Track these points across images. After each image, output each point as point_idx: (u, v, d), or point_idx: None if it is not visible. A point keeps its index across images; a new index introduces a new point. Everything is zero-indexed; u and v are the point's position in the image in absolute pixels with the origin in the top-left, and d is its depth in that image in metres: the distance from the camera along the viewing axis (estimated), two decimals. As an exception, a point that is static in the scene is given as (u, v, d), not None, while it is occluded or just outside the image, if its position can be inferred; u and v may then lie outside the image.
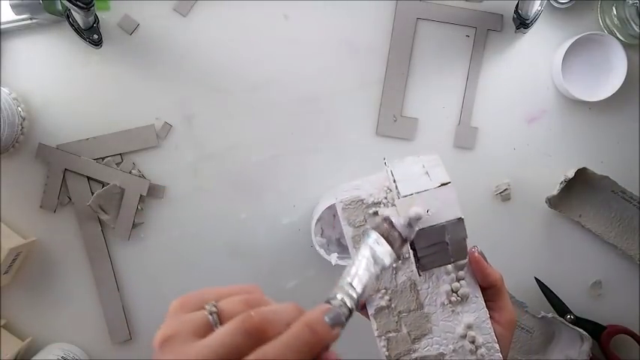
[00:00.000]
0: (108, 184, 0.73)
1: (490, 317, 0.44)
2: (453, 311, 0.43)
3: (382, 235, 0.36)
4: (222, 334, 0.28)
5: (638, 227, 0.75)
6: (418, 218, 0.38)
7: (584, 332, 0.72)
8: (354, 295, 0.32)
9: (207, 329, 0.29)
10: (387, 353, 0.44)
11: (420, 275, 0.43)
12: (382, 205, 0.46)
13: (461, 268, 0.44)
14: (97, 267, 0.74)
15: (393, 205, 0.44)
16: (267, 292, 0.81)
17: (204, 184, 0.74)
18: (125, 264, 0.75)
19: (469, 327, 0.43)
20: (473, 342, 0.42)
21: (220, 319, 0.30)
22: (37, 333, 0.74)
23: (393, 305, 0.44)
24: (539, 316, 0.73)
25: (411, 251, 0.42)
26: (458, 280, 0.44)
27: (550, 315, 0.73)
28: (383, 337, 0.44)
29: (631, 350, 0.77)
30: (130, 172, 0.73)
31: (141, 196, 0.73)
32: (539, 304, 0.75)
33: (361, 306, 0.45)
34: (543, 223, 0.76)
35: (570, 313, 0.75)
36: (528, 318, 0.74)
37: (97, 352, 0.75)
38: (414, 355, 0.41)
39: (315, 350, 0.29)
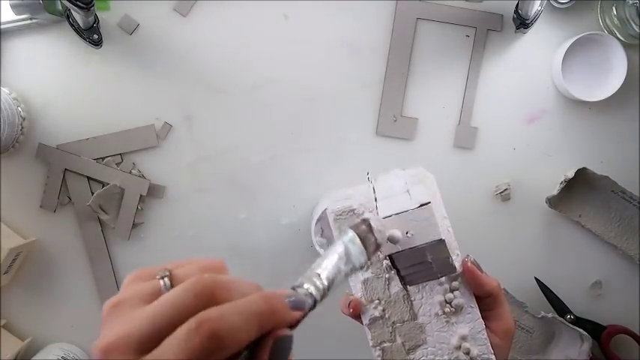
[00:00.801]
0: (108, 184, 0.73)
1: (486, 327, 0.43)
2: (447, 322, 0.43)
3: (359, 236, 0.35)
4: (169, 294, 0.26)
5: (638, 227, 0.75)
6: (396, 241, 0.39)
7: (584, 332, 0.72)
8: (320, 287, 0.31)
9: (157, 295, 0.27)
10: None
11: (406, 290, 0.43)
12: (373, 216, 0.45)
13: (454, 278, 0.43)
14: (97, 267, 0.74)
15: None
16: (267, 292, 0.79)
17: (204, 184, 0.74)
18: (125, 264, 0.75)
19: (463, 338, 0.42)
20: (467, 353, 0.42)
21: (173, 284, 0.28)
22: (37, 333, 0.74)
23: (387, 315, 0.44)
24: (539, 316, 0.73)
25: (393, 269, 0.42)
26: (452, 290, 0.43)
27: (550, 315, 0.73)
28: (378, 347, 0.44)
29: (631, 350, 0.77)
30: (130, 172, 0.73)
31: (141, 196, 0.73)
32: (539, 304, 0.75)
33: (356, 315, 0.44)
34: (543, 223, 0.76)
35: (570, 313, 0.75)
36: (528, 318, 0.74)
37: (97, 352, 0.75)
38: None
39: (266, 324, 0.27)
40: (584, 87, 0.72)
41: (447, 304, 0.43)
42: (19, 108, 0.70)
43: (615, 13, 0.72)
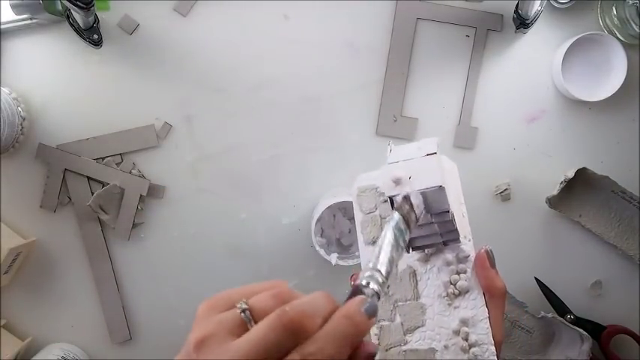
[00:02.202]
0: (108, 184, 0.73)
1: None
2: (449, 305, 0.42)
3: (403, 218, 0.36)
4: (259, 330, 0.28)
5: (638, 227, 0.75)
6: (398, 181, 0.38)
7: (584, 332, 0.72)
8: (381, 282, 0.32)
9: (242, 328, 0.29)
10: (377, 342, 0.43)
11: (408, 252, 0.42)
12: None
13: (463, 261, 0.42)
14: (97, 267, 0.74)
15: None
16: (267, 292, 0.79)
17: (204, 184, 0.74)
18: (125, 264, 0.75)
19: (464, 322, 0.41)
20: (466, 339, 0.41)
21: (253, 316, 0.29)
22: (37, 333, 0.74)
23: (390, 293, 0.43)
24: (539, 316, 0.73)
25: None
26: (458, 273, 0.42)
27: (550, 315, 0.73)
28: (376, 325, 0.43)
29: (631, 350, 0.77)
30: (130, 172, 0.73)
31: (141, 196, 0.73)
32: (539, 304, 0.75)
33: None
34: (543, 223, 0.76)
35: (570, 313, 0.75)
36: (528, 318, 0.74)
37: (97, 352, 0.75)
38: (404, 347, 0.40)
39: (355, 342, 0.29)
40: (584, 87, 0.72)
41: (452, 285, 0.42)
42: (19, 108, 0.70)
43: (615, 13, 0.72)
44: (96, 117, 0.73)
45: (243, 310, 0.29)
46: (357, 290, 0.31)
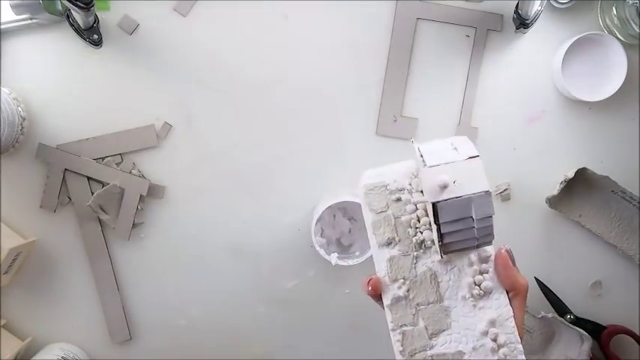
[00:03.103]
0: (108, 184, 0.73)
1: None
2: (474, 306, 0.41)
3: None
4: None
5: (638, 227, 0.75)
6: (445, 186, 0.37)
7: (584, 332, 0.72)
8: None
9: None
10: (401, 348, 0.41)
11: (442, 257, 0.41)
12: (406, 192, 0.44)
13: (485, 260, 0.42)
14: (97, 267, 0.74)
15: (418, 191, 0.42)
16: (267, 292, 0.81)
17: (204, 184, 0.74)
18: (125, 264, 0.75)
19: (491, 323, 0.40)
20: (495, 340, 0.40)
21: None
22: (37, 333, 0.74)
23: (411, 296, 0.42)
24: (539, 316, 0.73)
25: (434, 227, 0.40)
26: (481, 273, 0.41)
27: (550, 315, 0.73)
28: (397, 331, 0.41)
29: (631, 350, 0.77)
30: (130, 172, 0.73)
31: (141, 196, 0.73)
32: (539, 304, 0.75)
33: (376, 295, 0.42)
34: (543, 223, 0.76)
35: (570, 313, 0.75)
36: (528, 318, 0.74)
37: (97, 352, 0.75)
38: (430, 352, 0.39)
39: None
40: (584, 87, 0.72)
41: (476, 286, 0.41)
42: (19, 108, 0.70)
43: (615, 13, 0.72)
44: (96, 117, 0.73)
45: None
46: None
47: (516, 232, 0.76)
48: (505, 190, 0.75)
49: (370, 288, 0.42)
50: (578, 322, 0.75)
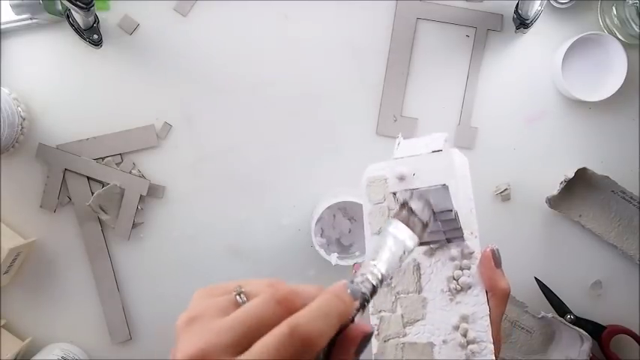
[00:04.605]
0: (108, 184, 0.73)
1: None
2: (451, 300, 0.41)
3: (402, 222, 0.36)
4: (250, 305, 0.28)
5: (638, 227, 0.75)
6: (402, 178, 0.39)
7: (584, 332, 0.72)
8: (378, 274, 0.33)
9: (235, 308, 0.29)
10: (376, 332, 0.42)
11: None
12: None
13: (467, 257, 0.42)
14: (97, 267, 0.74)
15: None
16: (267, 292, 0.79)
17: (204, 184, 0.74)
18: (125, 264, 0.75)
19: (464, 318, 0.41)
20: (465, 335, 0.40)
21: (248, 298, 0.30)
22: (37, 333, 0.74)
23: (393, 284, 0.43)
24: (539, 316, 0.73)
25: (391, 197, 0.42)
26: (462, 268, 0.42)
27: (550, 315, 0.73)
28: (376, 316, 0.43)
29: (631, 350, 0.77)
30: (130, 172, 0.73)
31: (141, 196, 0.73)
32: (539, 304, 0.75)
33: None
34: (543, 223, 0.76)
35: (570, 313, 0.75)
36: (528, 318, 0.74)
37: (97, 352, 0.75)
38: (402, 340, 0.40)
39: (343, 318, 0.29)
40: (584, 87, 0.72)
41: (454, 281, 0.41)
42: (19, 108, 0.70)
43: (615, 13, 0.72)
44: (96, 117, 0.73)
45: (239, 293, 0.30)
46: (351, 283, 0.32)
47: (516, 232, 0.76)
48: (505, 190, 0.75)
49: (355, 271, 0.44)
50: (578, 322, 0.75)
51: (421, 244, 0.42)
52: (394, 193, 0.40)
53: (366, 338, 0.30)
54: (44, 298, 0.74)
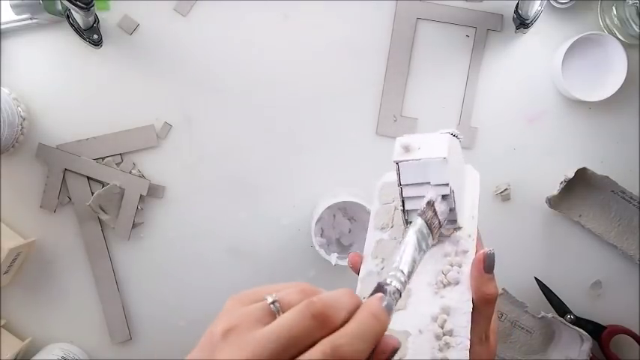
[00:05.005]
0: (108, 184, 0.73)
1: None
2: (435, 293, 0.41)
3: (426, 222, 0.37)
4: (287, 318, 0.29)
5: (638, 227, 0.75)
6: (407, 147, 0.40)
7: (584, 332, 0.72)
8: (403, 280, 0.33)
9: (270, 318, 0.29)
10: None
11: (406, 225, 0.43)
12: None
13: (460, 255, 0.42)
14: (97, 267, 0.74)
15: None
16: (267, 292, 0.79)
17: (204, 184, 0.74)
18: (125, 264, 0.75)
19: (444, 310, 0.40)
20: (442, 326, 0.39)
21: (282, 308, 0.30)
22: (37, 333, 0.74)
23: (383, 274, 0.43)
24: (539, 316, 0.73)
25: (398, 190, 0.42)
26: (452, 265, 0.41)
27: (550, 315, 0.73)
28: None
29: (631, 350, 0.77)
30: (130, 172, 0.73)
31: (141, 196, 0.73)
32: (539, 304, 0.75)
33: (356, 270, 0.45)
34: (543, 223, 0.76)
35: (570, 313, 0.75)
36: (528, 318, 0.74)
37: (97, 352, 0.75)
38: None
39: (379, 338, 0.30)
40: (584, 87, 0.72)
41: (442, 274, 0.41)
42: (19, 108, 0.70)
43: (615, 13, 0.72)
44: (96, 117, 0.73)
45: (273, 302, 0.30)
46: (379, 288, 0.32)
47: (516, 232, 0.76)
48: (505, 190, 0.75)
49: (350, 264, 0.45)
50: (578, 322, 0.75)
51: (411, 217, 0.43)
52: (397, 162, 0.41)
53: (394, 352, 0.31)
54: (44, 298, 0.74)
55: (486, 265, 0.40)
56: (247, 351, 0.27)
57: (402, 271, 0.34)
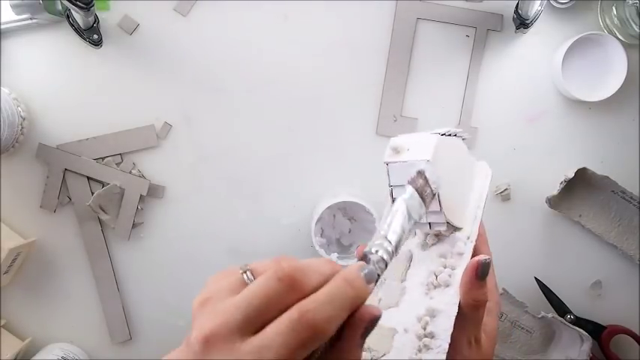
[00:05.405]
0: (108, 184, 0.73)
1: None
2: (426, 294, 0.41)
3: (417, 191, 0.36)
4: (255, 283, 0.29)
5: (638, 227, 0.75)
6: (396, 149, 0.41)
7: (584, 332, 0.72)
8: (390, 249, 0.32)
9: (243, 287, 0.30)
10: None
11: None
12: None
13: (457, 257, 0.42)
14: (97, 267, 0.74)
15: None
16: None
17: (204, 184, 0.74)
18: (125, 264, 0.75)
19: (429, 312, 0.40)
20: (424, 328, 0.40)
21: (255, 276, 0.30)
22: (37, 333, 0.74)
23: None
24: (539, 316, 0.73)
25: (388, 190, 0.42)
26: (446, 266, 0.41)
27: (550, 315, 0.73)
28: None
29: (631, 350, 0.77)
30: (130, 172, 0.73)
31: (141, 196, 0.73)
32: (539, 304, 0.75)
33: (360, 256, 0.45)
34: (543, 223, 0.76)
35: (570, 313, 0.75)
36: (528, 318, 0.74)
37: (97, 352, 0.75)
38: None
39: (354, 306, 0.29)
40: (584, 87, 0.72)
41: (434, 276, 0.41)
42: (19, 108, 0.70)
43: (615, 13, 0.72)
44: (96, 117, 0.73)
45: (245, 271, 0.31)
46: (363, 257, 0.32)
47: (516, 232, 0.76)
48: (505, 190, 0.75)
49: (357, 256, 0.45)
50: (578, 322, 0.75)
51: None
52: (387, 164, 0.42)
53: (374, 321, 0.30)
54: (44, 298, 0.74)
55: (479, 273, 0.39)
56: (218, 318, 0.28)
57: (389, 241, 0.33)
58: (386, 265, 0.32)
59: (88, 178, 0.73)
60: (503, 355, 0.75)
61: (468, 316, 0.40)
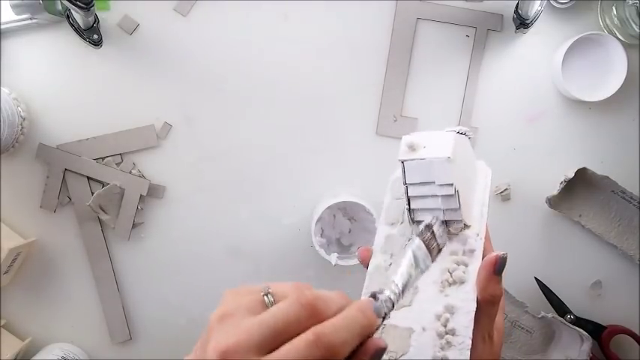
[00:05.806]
0: (108, 184, 0.73)
1: None
2: (441, 292, 0.41)
3: (424, 242, 0.38)
4: (278, 307, 0.31)
5: (638, 227, 0.75)
6: (412, 147, 0.41)
7: (584, 332, 0.72)
8: (397, 291, 0.35)
9: (263, 308, 0.31)
10: None
11: (411, 223, 0.43)
12: None
13: (467, 254, 0.42)
14: (97, 267, 0.74)
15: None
16: (267, 292, 0.79)
17: (204, 184, 0.74)
18: (125, 264, 0.75)
19: (448, 309, 0.40)
20: (445, 325, 0.40)
21: (275, 300, 0.32)
22: (37, 333, 0.74)
23: (390, 270, 0.44)
24: (539, 316, 0.73)
25: (403, 189, 0.43)
26: (459, 263, 0.42)
27: (550, 315, 0.73)
28: (368, 295, 0.44)
29: (631, 350, 0.77)
30: (130, 172, 0.73)
31: (141, 196, 0.73)
32: (539, 304, 0.75)
33: (366, 264, 0.46)
34: (543, 223, 0.76)
35: (570, 313, 0.75)
36: (528, 318, 0.74)
37: (97, 352, 0.75)
38: (385, 321, 0.38)
39: (365, 334, 0.31)
40: (584, 87, 0.72)
41: (448, 273, 0.41)
42: (19, 108, 0.70)
43: (615, 13, 0.72)
44: (96, 117, 0.73)
45: (266, 294, 0.32)
46: (372, 295, 0.34)
47: (516, 232, 0.76)
48: (505, 190, 0.75)
49: (360, 258, 0.46)
50: (578, 322, 0.75)
51: (418, 222, 0.43)
52: (402, 161, 0.42)
53: (379, 353, 0.32)
54: (44, 298, 0.74)
55: (497, 268, 0.41)
56: (239, 335, 0.29)
57: (396, 284, 0.35)
58: (393, 305, 0.34)
59: (88, 178, 0.73)
60: (503, 355, 0.75)
61: (484, 311, 0.41)
